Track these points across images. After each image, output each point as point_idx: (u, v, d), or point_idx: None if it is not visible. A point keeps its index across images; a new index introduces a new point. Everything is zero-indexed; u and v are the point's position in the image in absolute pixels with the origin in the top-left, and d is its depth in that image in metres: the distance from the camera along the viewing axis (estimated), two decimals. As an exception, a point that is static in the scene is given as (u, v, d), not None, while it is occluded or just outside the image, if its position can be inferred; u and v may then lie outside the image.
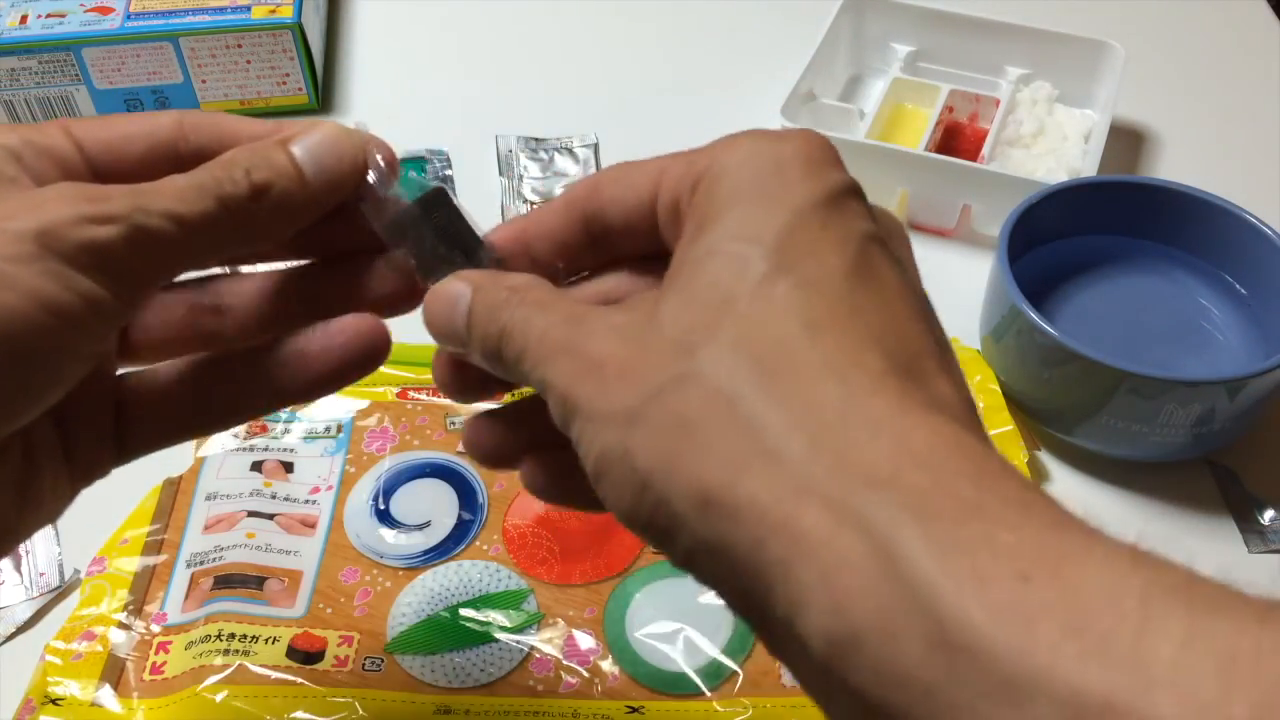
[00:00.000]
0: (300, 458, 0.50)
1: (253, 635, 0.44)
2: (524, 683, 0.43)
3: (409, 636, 0.44)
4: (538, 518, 0.48)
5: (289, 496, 0.49)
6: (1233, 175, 0.64)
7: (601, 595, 0.46)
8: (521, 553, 0.47)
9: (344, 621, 0.45)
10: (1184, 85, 0.73)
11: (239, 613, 0.44)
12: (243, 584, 0.45)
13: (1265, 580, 0.49)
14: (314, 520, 0.48)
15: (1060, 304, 0.55)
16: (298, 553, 0.47)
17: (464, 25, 0.77)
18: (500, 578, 0.47)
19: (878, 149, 0.61)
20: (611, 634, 0.45)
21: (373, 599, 0.45)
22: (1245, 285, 0.54)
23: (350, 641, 0.44)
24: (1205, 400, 0.47)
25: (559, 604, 0.46)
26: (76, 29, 0.65)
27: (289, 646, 0.43)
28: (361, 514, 0.48)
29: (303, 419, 0.52)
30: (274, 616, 0.44)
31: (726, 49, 0.76)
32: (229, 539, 0.47)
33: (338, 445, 0.51)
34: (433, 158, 0.67)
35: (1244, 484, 0.51)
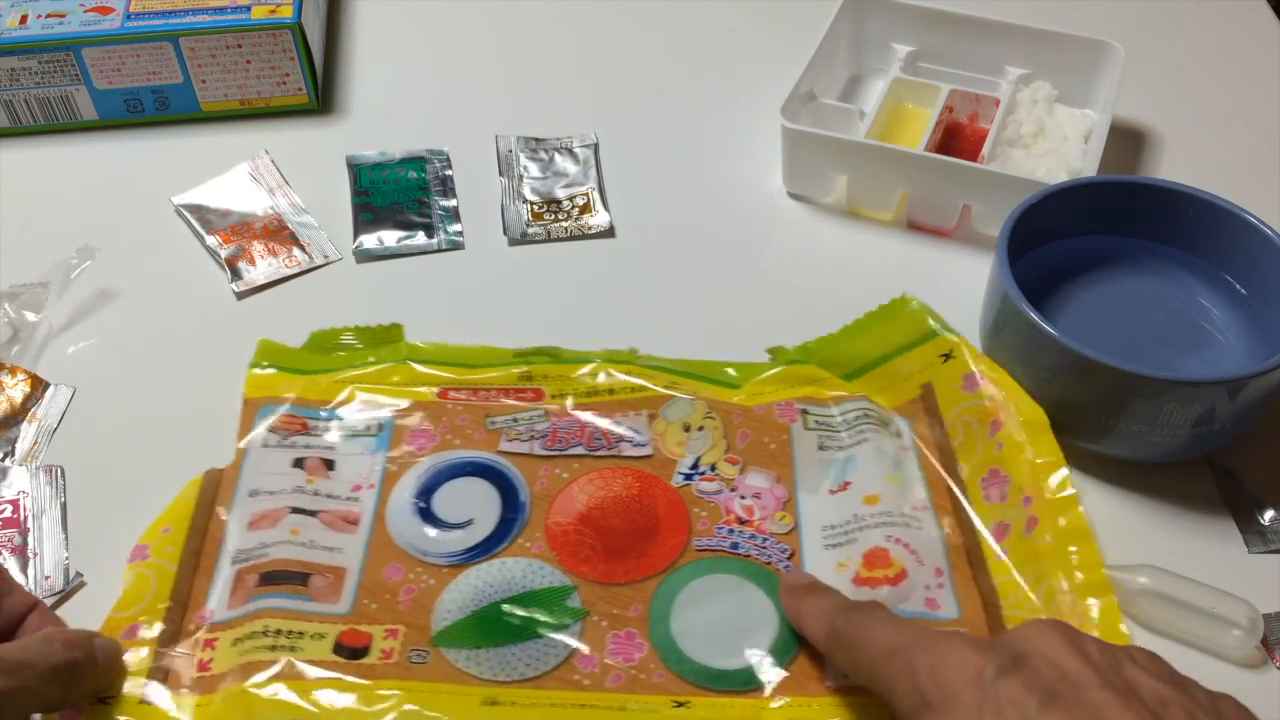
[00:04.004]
0: (341, 455, 0.51)
1: (299, 631, 0.44)
2: (569, 677, 0.43)
3: (454, 630, 0.45)
4: (580, 515, 0.49)
5: (331, 494, 0.49)
6: (1233, 175, 0.64)
7: (645, 593, 0.46)
8: (565, 550, 0.47)
9: (389, 616, 0.45)
10: (1184, 85, 0.73)
11: (285, 609, 0.45)
12: (288, 580, 0.46)
13: (1265, 580, 0.49)
14: (356, 517, 0.48)
15: (1060, 304, 0.55)
16: (341, 549, 0.47)
17: (464, 25, 0.77)
18: (544, 575, 0.47)
19: (878, 149, 0.61)
20: (656, 632, 0.45)
21: (417, 595, 0.46)
22: (1245, 285, 0.54)
23: (395, 634, 0.44)
24: (1205, 400, 0.47)
25: (603, 601, 0.46)
26: (76, 29, 0.65)
27: (335, 642, 0.44)
28: (404, 512, 0.49)
29: (343, 417, 0.52)
30: (320, 613, 0.45)
31: (726, 49, 0.76)
32: (273, 535, 0.47)
33: (378, 444, 0.51)
34: (433, 158, 0.67)
35: (1244, 484, 0.51)
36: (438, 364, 0.54)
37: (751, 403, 0.53)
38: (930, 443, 0.51)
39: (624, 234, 0.63)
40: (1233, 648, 0.45)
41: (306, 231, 0.63)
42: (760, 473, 0.50)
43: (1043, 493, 0.47)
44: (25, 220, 0.63)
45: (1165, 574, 0.46)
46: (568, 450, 0.51)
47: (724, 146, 0.68)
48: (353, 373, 0.54)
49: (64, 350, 0.57)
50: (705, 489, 0.50)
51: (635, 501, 0.49)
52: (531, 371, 0.54)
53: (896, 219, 0.64)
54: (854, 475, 0.50)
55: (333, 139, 0.69)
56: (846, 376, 0.54)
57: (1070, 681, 0.33)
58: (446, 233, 0.63)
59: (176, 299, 0.59)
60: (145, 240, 0.62)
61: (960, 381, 0.52)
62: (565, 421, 0.52)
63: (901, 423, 0.52)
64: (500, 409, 0.52)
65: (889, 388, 0.54)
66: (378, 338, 0.56)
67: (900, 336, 0.54)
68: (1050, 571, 0.45)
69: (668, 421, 0.52)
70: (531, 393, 0.53)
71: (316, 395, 0.53)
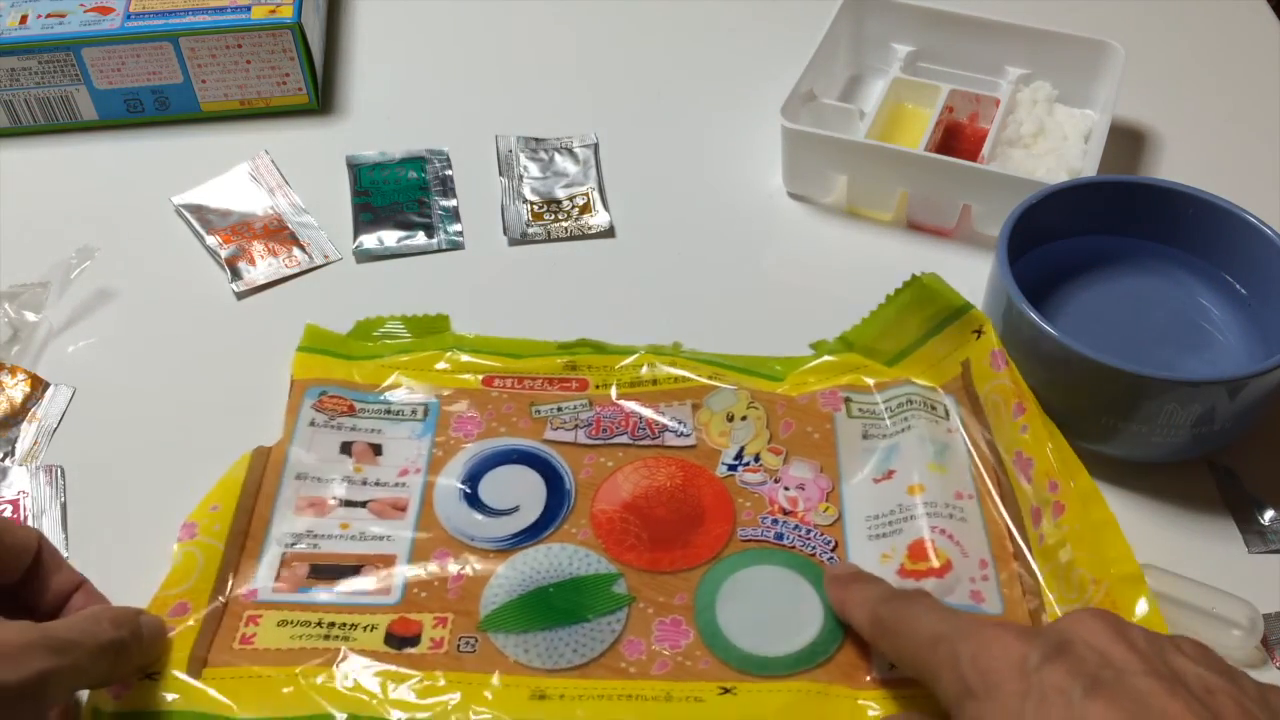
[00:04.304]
0: (388, 438, 0.51)
1: (351, 624, 0.45)
2: (616, 664, 0.44)
3: (502, 614, 0.45)
4: (625, 504, 0.49)
5: (379, 480, 0.50)
6: (1233, 175, 0.64)
7: (691, 582, 0.46)
8: (610, 538, 0.48)
9: (438, 604, 0.45)
10: (1184, 85, 0.73)
11: (337, 603, 0.45)
12: (340, 575, 0.46)
13: (1265, 580, 0.49)
14: (404, 503, 0.49)
15: (1060, 304, 0.55)
16: (390, 538, 0.48)
17: (464, 25, 0.77)
18: (590, 561, 0.47)
19: (878, 149, 0.61)
20: (702, 620, 0.45)
21: (465, 582, 0.46)
22: (1245, 285, 0.54)
23: (445, 623, 0.45)
24: (1205, 400, 0.47)
25: (649, 589, 0.46)
26: (76, 29, 0.65)
27: (386, 633, 0.44)
28: (450, 497, 0.49)
29: (390, 401, 0.52)
30: (371, 605, 0.45)
31: (726, 49, 0.76)
32: (322, 526, 0.48)
33: (425, 427, 0.52)
34: (433, 158, 0.67)
35: (1244, 484, 0.51)
36: (482, 353, 0.55)
37: (795, 392, 0.53)
38: (973, 421, 0.51)
39: (624, 234, 0.63)
40: (1233, 648, 0.45)
41: (306, 231, 0.63)
42: (804, 462, 0.51)
43: (1066, 482, 0.47)
44: (25, 220, 0.63)
45: (1165, 574, 0.46)
46: (612, 439, 0.51)
47: (724, 146, 0.68)
48: (399, 358, 0.55)
49: (64, 350, 0.57)
50: (749, 479, 0.50)
51: (680, 491, 0.50)
52: (575, 361, 0.54)
53: (896, 219, 0.64)
54: (898, 464, 0.50)
55: (333, 139, 0.69)
56: (889, 362, 0.55)
57: (1115, 668, 0.32)
58: (446, 233, 0.63)
59: (176, 299, 0.59)
60: (145, 240, 0.62)
61: (989, 358, 0.52)
62: (609, 411, 0.52)
63: (949, 401, 0.52)
64: (545, 398, 0.53)
65: (932, 367, 0.54)
66: (424, 326, 0.57)
67: (932, 314, 0.54)
68: (1080, 561, 0.45)
69: (711, 411, 0.52)
70: (576, 382, 0.54)
71: (364, 379, 0.53)
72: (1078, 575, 0.45)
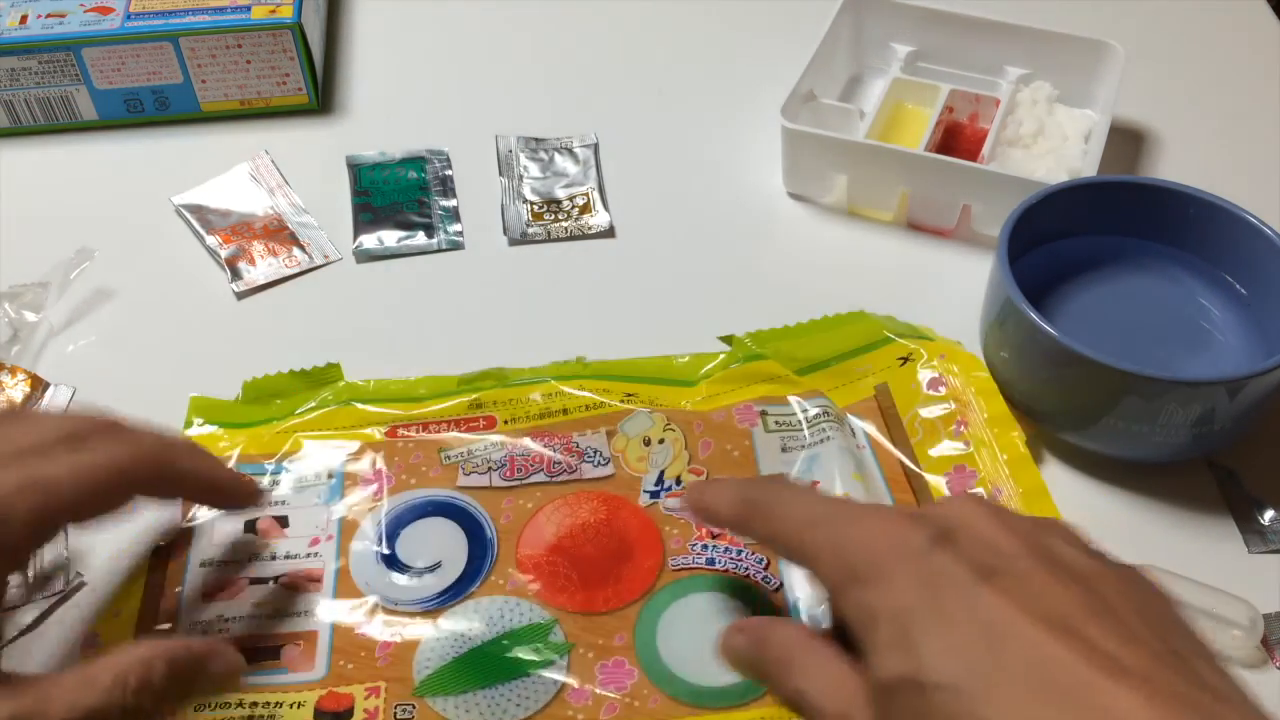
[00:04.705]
0: (294, 509, 0.48)
1: (276, 702, 0.42)
2: (563, 714, 0.42)
3: (438, 678, 0.43)
4: (550, 546, 0.47)
5: (289, 554, 0.47)
6: (1233, 175, 0.64)
7: (628, 620, 0.45)
8: (540, 582, 0.46)
9: (367, 674, 0.43)
10: (1184, 85, 0.73)
11: (260, 684, 0.43)
12: (258, 657, 0.43)
13: (1265, 580, 0.49)
14: (319, 574, 0.46)
15: (1060, 304, 0.55)
16: (308, 612, 0.45)
17: (464, 25, 0.77)
18: (522, 611, 0.45)
19: (878, 149, 0.61)
20: (645, 657, 0.44)
21: (394, 649, 0.44)
22: (1245, 285, 0.54)
23: (377, 692, 0.43)
24: (1205, 400, 0.47)
25: (586, 633, 0.44)
26: (76, 29, 0.65)
27: (315, 710, 0.42)
28: (368, 562, 0.47)
29: (290, 469, 0.50)
30: (295, 682, 0.43)
31: (726, 49, 0.76)
32: (234, 609, 0.45)
33: (331, 492, 0.49)
34: (433, 158, 0.67)
35: (1244, 484, 0.51)
36: (382, 401, 0.52)
37: (709, 407, 0.52)
38: (886, 441, 0.51)
39: (624, 234, 0.63)
40: (1233, 648, 0.45)
41: (306, 231, 0.63)
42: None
43: (1013, 486, 0.48)
44: (25, 220, 0.63)
45: (1165, 574, 0.46)
46: (528, 479, 0.49)
47: (724, 146, 0.68)
48: (294, 420, 0.52)
49: (64, 350, 0.57)
50: (672, 505, 0.48)
51: (605, 526, 0.48)
52: (481, 399, 0.52)
53: (896, 219, 0.64)
54: (820, 474, 0.49)
55: (333, 139, 0.69)
56: (800, 371, 0.54)
57: (1003, 555, 0.33)
58: (446, 233, 0.63)
59: (176, 299, 0.59)
60: (145, 240, 0.62)
61: (918, 382, 0.52)
62: (521, 449, 0.50)
63: (856, 423, 0.52)
64: (453, 442, 0.50)
65: (842, 386, 0.53)
66: (315, 379, 0.54)
67: (856, 340, 0.55)
68: None
69: (627, 437, 0.51)
70: (483, 420, 0.51)
71: (260, 450, 0.50)
72: None
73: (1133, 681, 0.29)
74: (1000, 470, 0.49)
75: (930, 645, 0.31)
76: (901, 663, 0.32)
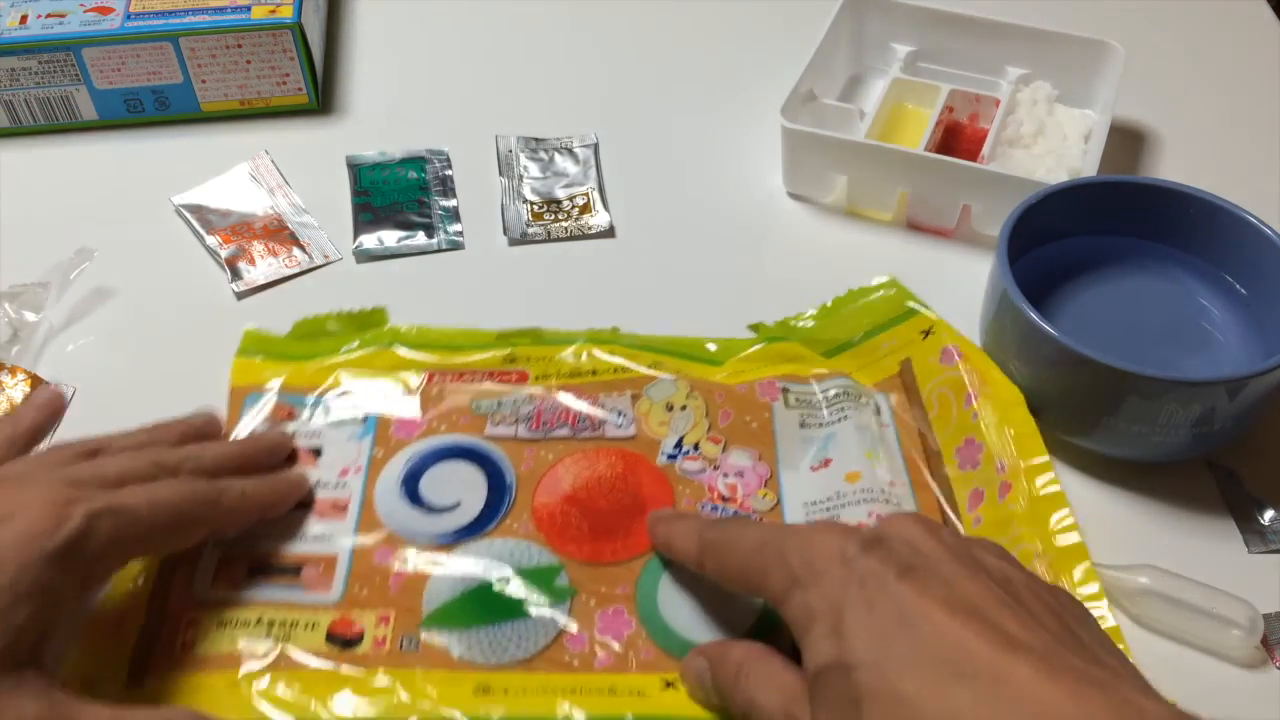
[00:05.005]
0: (328, 441, 0.50)
1: (292, 621, 0.44)
2: (559, 658, 0.44)
3: (444, 612, 0.45)
4: (566, 496, 0.49)
5: (319, 481, 0.49)
6: (1233, 175, 0.64)
7: (633, 572, 0.46)
8: (551, 530, 0.48)
9: (380, 601, 0.45)
10: (1184, 85, 0.73)
11: (277, 600, 0.45)
12: (280, 572, 0.46)
13: (1265, 580, 0.49)
14: (345, 503, 0.48)
15: (1060, 304, 0.55)
16: (330, 537, 0.47)
17: (464, 25, 0.77)
18: (532, 554, 0.47)
19: (878, 149, 0.61)
20: (644, 610, 0.45)
21: (406, 578, 0.46)
22: (1245, 285, 0.54)
23: (387, 621, 0.44)
24: (1205, 400, 0.47)
25: (591, 580, 0.46)
26: (76, 29, 0.65)
27: (327, 632, 0.44)
28: (391, 496, 0.49)
29: (329, 404, 0.52)
30: (311, 602, 0.45)
31: (726, 49, 0.76)
32: (261, 527, 0.47)
33: (365, 429, 0.51)
34: (433, 158, 0.67)
35: (1244, 484, 0.51)
36: (422, 347, 0.55)
37: (733, 381, 0.53)
38: (908, 417, 0.52)
39: (624, 234, 0.63)
40: (1233, 648, 0.45)
41: (306, 231, 0.63)
42: (743, 451, 0.51)
43: (1016, 460, 0.48)
44: (25, 220, 0.63)
45: (1165, 574, 0.46)
46: (552, 432, 0.51)
47: (724, 146, 0.68)
48: (338, 359, 0.54)
49: (64, 350, 0.57)
50: (689, 468, 0.50)
51: (620, 481, 0.49)
52: (515, 354, 0.54)
53: (896, 219, 0.64)
54: (835, 453, 0.50)
55: (333, 139, 0.69)
56: (826, 354, 0.55)
57: (925, 557, 0.37)
58: (446, 233, 0.63)
59: (176, 299, 0.59)
60: (145, 240, 0.62)
61: (938, 355, 0.53)
62: (549, 404, 0.52)
63: (880, 399, 0.53)
64: (485, 393, 0.52)
65: (869, 365, 0.54)
66: (361, 322, 0.56)
67: (880, 316, 0.56)
68: (1026, 536, 0.46)
69: (651, 401, 0.52)
70: (516, 375, 0.53)
71: (303, 382, 0.53)
72: (1022, 550, 0.46)
73: (1031, 656, 0.32)
74: (1007, 446, 0.49)
75: (854, 632, 0.35)
76: (831, 650, 0.35)
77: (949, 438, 0.51)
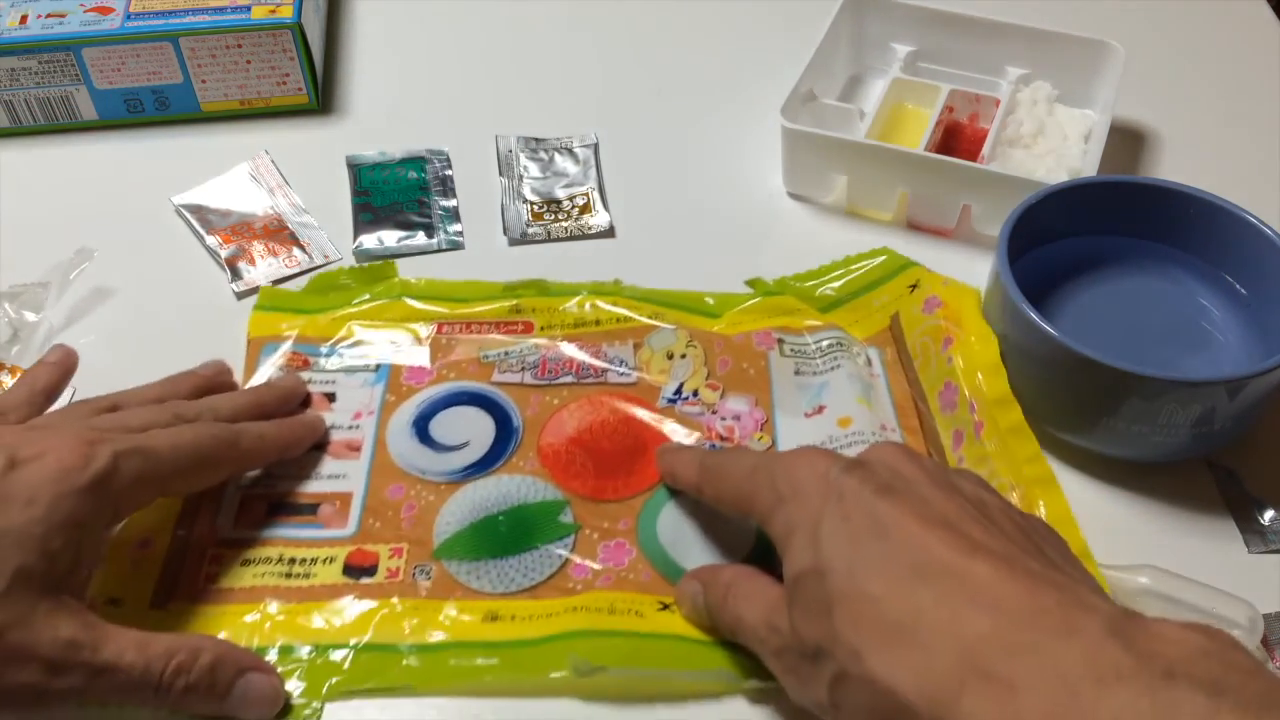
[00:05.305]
0: (342, 388, 0.53)
1: (311, 558, 0.47)
2: (564, 585, 0.46)
3: (454, 543, 0.47)
4: (570, 438, 0.51)
5: (334, 424, 0.52)
6: (1233, 175, 0.64)
7: (634, 508, 0.49)
8: (557, 468, 0.50)
9: (393, 534, 0.47)
10: (1184, 85, 0.73)
11: (297, 537, 0.47)
12: (297, 511, 0.48)
13: (1265, 580, 0.49)
14: (358, 444, 0.51)
15: (1060, 304, 0.55)
16: (345, 476, 0.50)
17: (464, 25, 0.77)
18: (538, 489, 0.49)
19: (878, 149, 0.61)
20: (644, 542, 0.47)
21: (418, 511, 0.48)
22: (1245, 285, 0.54)
23: (400, 553, 0.47)
24: (1205, 400, 0.47)
25: (594, 516, 0.48)
26: (76, 29, 0.65)
27: (345, 564, 0.46)
28: (403, 436, 0.51)
29: (342, 353, 0.54)
30: (329, 538, 0.47)
31: (726, 49, 0.76)
32: (279, 468, 0.49)
33: (378, 377, 0.54)
34: (433, 158, 0.67)
35: (1244, 484, 0.51)
36: (431, 299, 0.57)
37: (730, 331, 0.56)
38: (897, 368, 0.54)
39: (624, 234, 0.63)
40: (1233, 648, 0.45)
41: (306, 231, 0.63)
42: (740, 397, 0.53)
43: (984, 398, 0.50)
44: (25, 220, 0.63)
45: (1165, 574, 0.46)
46: (557, 379, 0.53)
47: (724, 146, 0.68)
48: (350, 310, 0.56)
49: (64, 350, 0.57)
50: (688, 411, 0.52)
51: (622, 425, 0.52)
52: (521, 305, 0.57)
53: (896, 219, 0.64)
54: (828, 399, 0.52)
55: (333, 139, 0.69)
56: (822, 309, 0.57)
57: (904, 479, 0.38)
58: (446, 233, 0.63)
59: (176, 299, 0.59)
60: (145, 240, 0.62)
61: (922, 305, 0.55)
62: (554, 353, 0.54)
63: (872, 352, 0.55)
64: (493, 343, 0.55)
65: (862, 320, 0.57)
66: (372, 275, 0.59)
67: (874, 274, 0.58)
68: (1001, 471, 0.48)
69: (652, 350, 0.55)
70: (522, 325, 0.56)
71: (317, 332, 0.55)
72: (998, 483, 0.47)
73: (992, 558, 0.34)
74: (978, 387, 0.51)
75: (829, 540, 0.37)
76: (808, 558, 0.37)
77: (931, 383, 0.52)
